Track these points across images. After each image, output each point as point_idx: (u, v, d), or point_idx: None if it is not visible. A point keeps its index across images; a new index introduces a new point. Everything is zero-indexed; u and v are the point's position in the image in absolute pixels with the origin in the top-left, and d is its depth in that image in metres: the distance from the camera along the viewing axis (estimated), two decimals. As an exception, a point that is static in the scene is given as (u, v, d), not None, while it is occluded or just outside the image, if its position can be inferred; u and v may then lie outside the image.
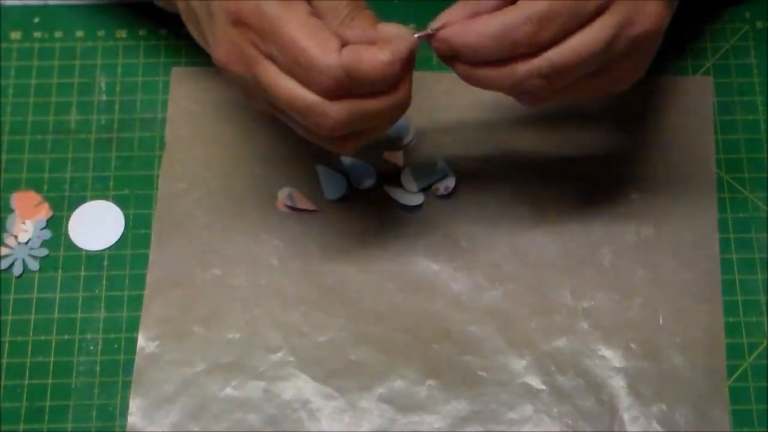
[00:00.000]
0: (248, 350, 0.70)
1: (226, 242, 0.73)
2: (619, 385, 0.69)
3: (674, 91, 0.77)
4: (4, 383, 0.70)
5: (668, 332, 0.70)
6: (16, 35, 0.80)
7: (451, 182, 0.74)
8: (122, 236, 0.74)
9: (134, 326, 0.71)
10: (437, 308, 0.71)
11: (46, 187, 0.75)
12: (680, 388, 0.69)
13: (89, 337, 0.71)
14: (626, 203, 0.74)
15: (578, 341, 0.70)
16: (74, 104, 0.78)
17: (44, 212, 0.74)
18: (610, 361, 0.69)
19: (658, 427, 0.68)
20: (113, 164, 0.76)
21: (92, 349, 0.71)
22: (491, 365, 0.70)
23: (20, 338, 0.71)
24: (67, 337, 0.71)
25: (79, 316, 0.71)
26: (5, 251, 0.73)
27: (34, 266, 0.73)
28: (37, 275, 0.73)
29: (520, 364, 0.70)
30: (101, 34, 0.80)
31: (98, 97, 0.78)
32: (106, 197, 0.75)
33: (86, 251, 0.73)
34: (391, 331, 0.71)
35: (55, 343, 0.71)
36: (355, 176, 0.74)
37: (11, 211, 0.74)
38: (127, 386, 0.69)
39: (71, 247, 0.73)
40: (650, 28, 0.62)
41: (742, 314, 0.71)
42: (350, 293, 0.72)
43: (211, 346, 0.70)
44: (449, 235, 0.73)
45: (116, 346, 0.71)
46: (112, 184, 0.75)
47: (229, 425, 0.68)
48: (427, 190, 0.74)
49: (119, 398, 0.69)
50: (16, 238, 0.73)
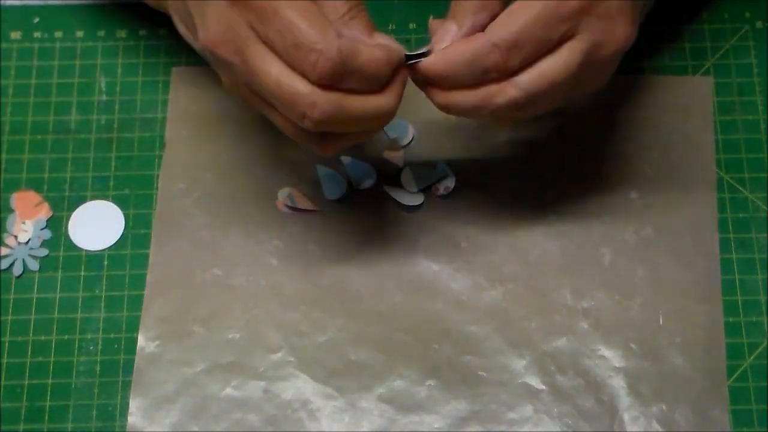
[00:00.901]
0: (248, 350, 0.70)
1: (226, 242, 0.73)
2: (619, 385, 0.69)
3: (674, 91, 0.77)
4: (4, 383, 0.70)
5: (668, 332, 0.70)
6: (16, 35, 0.80)
7: (451, 182, 0.74)
8: (122, 236, 0.74)
9: (134, 326, 0.71)
10: (437, 308, 0.71)
11: (46, 187, 0.75)
12: (680, 388, 0.69)
13: (89, 337, 0.71)
14: (626, 203, 0.73)
15: (578, 341, 0.70)
16: (74, 104, 0.78)
17: (44, 212, 0.74)
18: (610, 361, 0.69)
19: (658, 427, 0.68)
20: (113, 164, 0.76)
21: (92, 349, 0.70)
22: (491, 365, 0.70)
23: (20, 338, 0.71)
24: (67, 337, 0.71)
25: (79, 316, 0.71)
26: (5, 251, 0.73)
27: (34, 266, 0.73)
28: (37, 275, 0.73)
29: (520, 364, 0.70)
30: (101, 34, 0.80)
31: (98, 97, 0.78)
32: (106, 197, 0.75)
33: (86, 251, 0.73)
34: (391, 331, 0.71)
35: (55, 343, 0.71)
36: (355, 176, 0.74)
37: (11, 211, 0.74)
38: (127, 386, 0.69)
39: (71, 247, 0.73)
40: (619, 48, 0.63)
41: (742, 314, 0.71)
42: (350, 293, 0.72)
43: (211, 346, 0.70)
44: (449, 235, 0.73)
45: (116, 346, 0.71)
46: (112, 184, 0.75)
47: (229, 425, 0.68)
48: (427, 190, 0.74)
49: (119, 398, 0.69)
50: (16, 238, 0.73)
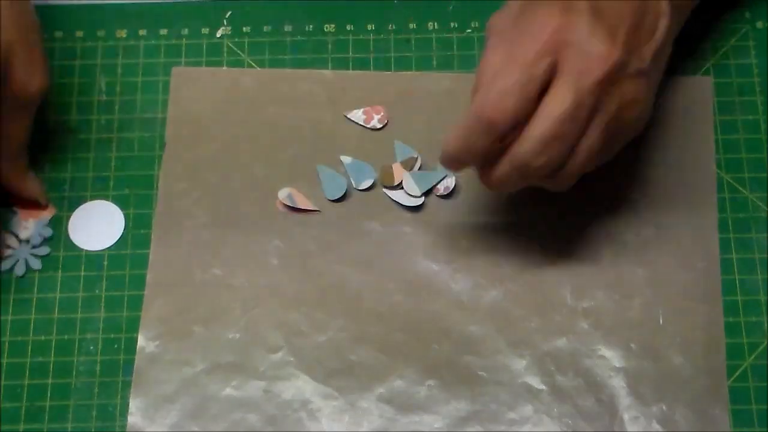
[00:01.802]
0: (248, 350, 0.70)
1: (226, 242, 0.73)
2: (619, 385, 0.69)
3: (674, 91, 0.76)
4: (4, 383, 0.70)
5: (668, 332, 0.70)
6: (16, 35, 0.80)
7: (451, 182, 0.74)
8: (122, 236, 0.74)
9: (134, 326, 0.71)
10: (437, 308, 0.71)
11: (46, 187, 0.75)
12: (680, 388, 0.69)
13: (89, 337, 0.71)
14: (626, 203, 0.73)
15: (578, 341, 0.70)
16: (74, 104, 0.77)
17: (48, 211, 0.74)
18: (610, 361, 0.69)
19: (658, 426, 0.68)
20: (113, 164, 0.76)
21: (92, 349, 0.70)
22: (491, 365, 0.70)
23: (20, 338, 0.71)
24: (67, 337, 0.71)
25: (79, 316, 0.71)
26: (8, 252, 0.73)
27: (36, 265, 0.73)
28: (37, 275, 0.73)
29: (520, 364, 0.70)
30: (101, 34, 0.80)
31: (98, 97, 0.78)
32: (106, 197, 0.75)
33: (86, 251, 0.73)
34: (391, 331, 0.71)
35: (55, 343, 0.71)
36: (355, 176, 0.74)
37: (13, 211, 0.74)
38: (127, 386, 0.69)
39: (71, 247, 0.73)
40: (606, 69, 0.62)
41: (742, 314, 0.71)
42: (350, 293, 0.72)
43: (211, 346, 0.70)
44: (449, 235, 0.73)
45: (116, 346, 0.71)
46: (112, 184, 0.75)
47: (229, 425, 0.68)
48: (428, 192, 0.74)
49: (119, 398, 0.69)
50: (17, 237, 0.73)
